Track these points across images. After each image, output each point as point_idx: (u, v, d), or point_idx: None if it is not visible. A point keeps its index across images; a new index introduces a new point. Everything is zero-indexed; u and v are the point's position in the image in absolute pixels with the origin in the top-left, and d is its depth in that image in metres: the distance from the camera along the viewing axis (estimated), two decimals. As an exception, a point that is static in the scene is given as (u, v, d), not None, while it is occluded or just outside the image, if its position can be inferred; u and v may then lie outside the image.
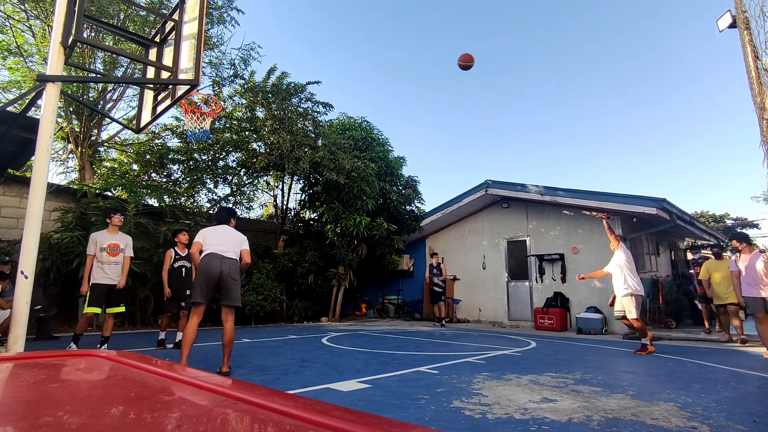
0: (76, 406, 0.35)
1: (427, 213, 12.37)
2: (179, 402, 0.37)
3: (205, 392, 0.38)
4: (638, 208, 8.56)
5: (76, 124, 8.98)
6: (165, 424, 0.31)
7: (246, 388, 0.39)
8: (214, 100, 8.25)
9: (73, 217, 7.86)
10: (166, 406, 0.36)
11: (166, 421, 0.32)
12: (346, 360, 4.93)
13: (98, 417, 0.32)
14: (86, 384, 0.44)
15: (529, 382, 3.77)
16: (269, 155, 10.22)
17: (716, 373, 4.38)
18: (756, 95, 4.22)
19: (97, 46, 8.28)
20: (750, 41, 4.32)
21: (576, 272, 9.77)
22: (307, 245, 11.08)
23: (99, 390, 0.41)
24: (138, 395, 0.39)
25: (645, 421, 2.66)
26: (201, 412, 0.34)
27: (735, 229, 29.97)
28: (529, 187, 10.13)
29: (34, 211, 2.69)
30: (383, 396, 3.23)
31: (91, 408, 0.35)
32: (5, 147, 5.21)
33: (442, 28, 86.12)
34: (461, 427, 2.54)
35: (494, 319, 11.00)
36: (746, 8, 4.38)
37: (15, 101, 3.83)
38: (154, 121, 3.92)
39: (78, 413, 0.32)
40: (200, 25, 3.19)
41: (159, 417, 0.33)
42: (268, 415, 0.33)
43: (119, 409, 0.34)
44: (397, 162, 12.74)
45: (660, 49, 76.37)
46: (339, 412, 0.32)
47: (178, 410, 0.35)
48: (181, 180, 10.67)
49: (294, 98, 10.60)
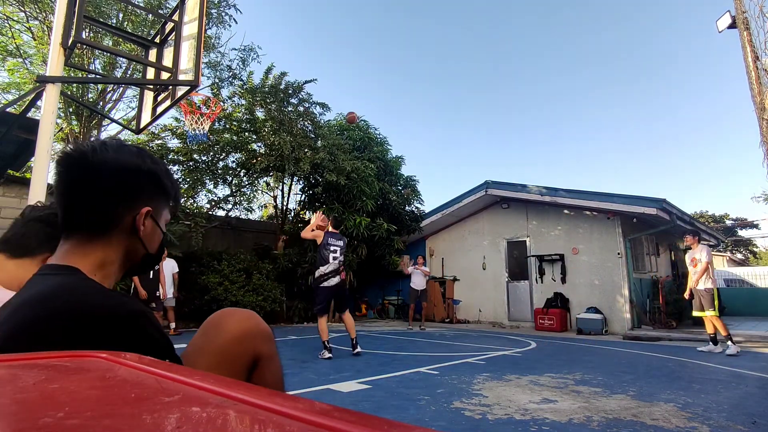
0: (76, 406, 0.35)
1: (427, 213, 12.37)
2: (179, 402, 0.37)
3: (205, 393, 0.38)
4: (638, 209, 8.56)
5: (76, 125, 8.99)
6: (165, 424, 0.31)
7: (246, 389, 0.39)
8: (214, 101, 8.25)
9: (73, 217, 7.86)
10: (166, 406, 0.35)
11: (165, 422, 0.32)
12: (346, 360, 4.93)
13: (98, 418, 0.32)
14: (86, 384, 0.44)
15: (530, 383, 3.76)
16: (269, 156, 10.22)
17: (716, 373, 4.37)
18: (756, 95, 4.22)
19: (96, 47, 8.28)
20: (750, 41, 4.33)
21: (576, 273, 9.79)
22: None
23: (98, 390, 0.41)
24: (138, 396, 0.38)
25: (645, 422, 2.66)
26: (201, 413, 0.34)
27: (735, 230, 29.99)
28: (530, 188, 10.13)
29: (33, 212, 2.68)
30: (383, 396, 3.23)
31: (91, 409, 0.34)
32: (5, 148, 5.21)
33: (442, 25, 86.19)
34: (461, 428, 2.53)
35: (494, 319, 10.99)
36: (746, 9, 4.38)
37: (15, 102, 3.83)
38: (154, 121, 3.92)
39: (77, 414, 0.32)
40: (200, 26, 3.19)
41: (159, 418, 0.32)
42: (268, 416, 0.33)
43: (119, 410, 0.34)
44: (396, 162, 12.74)
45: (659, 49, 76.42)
46: (339, 413, 0.32)
47: (178, 411, 0.34)
48: (180, 181, 10.67)
49: (293, 98, 10.61)
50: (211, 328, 0.90)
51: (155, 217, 0.84)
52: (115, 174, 0.78)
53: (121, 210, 0.79)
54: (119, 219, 0.79)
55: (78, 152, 0.77)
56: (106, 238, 0.79)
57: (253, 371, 0.91)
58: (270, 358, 0.93)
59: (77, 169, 0.76)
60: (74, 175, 0.77)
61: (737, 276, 17.48)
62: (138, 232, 0.80)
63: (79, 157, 0.76)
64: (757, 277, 16.74)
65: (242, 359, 0.88)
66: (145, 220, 0.80)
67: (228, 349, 0.86)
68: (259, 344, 0.90)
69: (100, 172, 0.76)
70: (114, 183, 0.78)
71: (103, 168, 0.76)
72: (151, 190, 0.83)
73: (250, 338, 0.89)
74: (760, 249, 33.17)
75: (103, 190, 0.77)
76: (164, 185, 0.85)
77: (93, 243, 0.78)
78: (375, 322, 11.45)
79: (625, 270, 9.01)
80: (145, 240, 0.82)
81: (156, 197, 0.84)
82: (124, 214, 0.79)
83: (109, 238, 0.79)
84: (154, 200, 0.84)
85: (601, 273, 9.36)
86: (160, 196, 0.85)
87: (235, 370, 0.87)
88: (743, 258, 30.57)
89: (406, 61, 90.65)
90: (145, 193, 0.82)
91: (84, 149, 0.77)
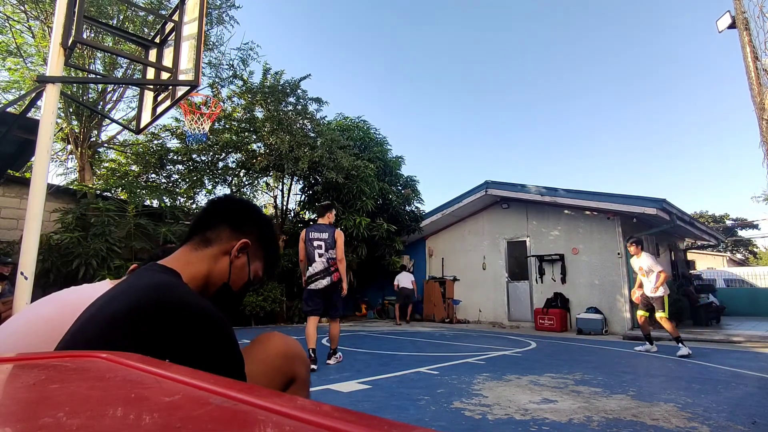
0: (76, 407, 0.35)
1: (427, 214, 12.37)
2: (179, 403, 0.37)
3: (205, 393, 0.38)
4: (638, 209, 8.56)
5: (76, 125, 8.98)
6: (165, 425, 0.31)
7: (246, 389, 0.39)
8: (214, 102, 8.25)
9: (73, 218, 7.87)
10: (167, 407, 0.36)
11: (165, 423, 0.32)
12: (346, 361, 4.93)
13: (98, 418, 0.32)
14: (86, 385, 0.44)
15: (530, 383, 3.76)
16: (269, 156, 10.21)
17: (716, 373, 4.37)
18: (756, 95, 4.22)
19: (97, 47, 8.28)
20: (749, 42, 4.33)
21: (576, 273, 9.79)
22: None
23: (99, 391, 0.41)
24: (138, 396, 0.39)
25: (645, 422, 2.66)
26: (201, 413, 0.34)
27: (735, 230, 29.98)
28: (529, 188, 10.13)
29: (34, 212, 2.69)
30: (383, 397, 3.23)
31: (91, 409, 0.34)
32: (5, 148, 5.21)
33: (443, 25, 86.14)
34: (461, 428, 2.53)
35: (494, 319, 10.99)
36: (746, 9, 4.38)
37: (15, 102, 3.82)
38: (154, 122, 3.92)
39: (78, 414, 0.32)
40: (200, 26, 3.19)
41: (159, 418, 0.32)
42: (268, 416, 0.33)
43: (119, 410, 0.34)
44: (396, 162, 12.73)
45: (659, 49, 76.42)
46: (339, 413, 0.32)
47: (178, 411, 0.35)
48: (180, 181, 10.67)
49: (291, 97, 10.60)
50: (258, 343, 1.02)
51: (249, 256, 0.99)
52: (237, 205, 1.01)
53: (226, 231, 0.96)
54: (222, 237, 0.95)
55: (226, 196, 1.07)
56: (205, 252, 0.93)
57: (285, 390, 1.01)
58: (304, 382, 1.03)
59: (216, 202, 1.01)
60: (211, 206, 1.01)
61: (737, 276, 17.48)
62: (230, 255, 0.95)
63: (223, 198, 1.03)
64: (757, 277, 16.75)
65: (281, 375, 0.99)
66: (239, 252, 0.96)
67: (272, 362, 0.98)
68: (298, 366, 1.02)
69: (228, 203, 1.01)
70: (231, 211, 0.99)
71: (231, 201, 1.01)
72: (255, 237, 0.99)
73: (291, 358, 1.01)
74: (760, 249, 33.19)
75: (221, 212, 0.98)
76: (267, 243, 1.03)
77: (196, 254, 0.93)
78: (375, 322, 11.45)
79: (625, 270, 9.01)
80: (233, 269, 0.95)
81: (257, 246, 1.00)
82: (226, 236, 0.96)
83: (208, 253, 0.93)
84: (254, 248, 0.99)
85: (601, 273, 9.36)
86: (260, 250, 1.02)
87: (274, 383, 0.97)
88: (743, 258, 30.59)
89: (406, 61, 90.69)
90: (249, 235, 0.98)
91: (230, 196, 1.09)
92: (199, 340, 0.72)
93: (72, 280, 7.43)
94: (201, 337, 0.72)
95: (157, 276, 0.83)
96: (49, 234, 7.53)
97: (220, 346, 0.74)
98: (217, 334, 0.74)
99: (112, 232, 7.87)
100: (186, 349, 0.70)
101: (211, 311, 0.75)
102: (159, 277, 0.83)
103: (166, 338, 0.69)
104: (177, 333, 0.70)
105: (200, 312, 0.74)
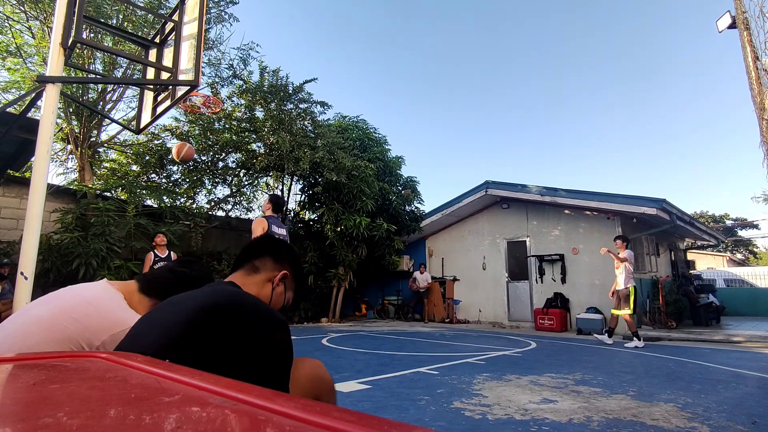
0: (76, 407, 0.35)
1: (427, 214, 12.36)
2: (179, 403, 0.37)
3: (205, 393, 0.38)
4: (638, 209, 8.56)
5: (76, 125, 8.98)
6: (165, 425, 0.31)
7: (246, 389, 0.39)
8: (215, 101, 8.25)
9: (73, 218, 7.86)
10: (166, 407, 0.35)
11: (165, 422, 0.32)
12: (346, 361, 4.93)
13: (98, 418, 0.32)
14: (86, 385, 0.44)
15: (530, 383, 3.76)
16: (269, 156, 10.21)
17: (717, 373, 4.37)
18: (756, 95, 4.22)
19: (97, 47, 8.28)
20: (750, 42, 4.33)
21: (576, 273, 9.79)
22: (307, 246, 11.07)
23: (99, 391, 0.41)
24: (138, 396, 0.39)
25: (645, 422, 2.66)
26: (201, 413, 0.34)
27: (735, 230, 29.98)
28: (529, 188, 10.13)
29: (34, 212, 2.69)
30: (383, 397, 3.23)
31: (91, 409, 0.34)
32: (5, 148, 5.21)
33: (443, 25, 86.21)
34: (461, 428, 2.53)
35: (494, 319, 10.99)
36: (746, 9, 4.38)
37: (15, 102, 3.82)
38: (154, 121, 3.92)
39: (77, 414, 0.32)
40: (200, 26, 3.19)
41: (159, 418, 0.32)
42: (268, 416, 0.33)
43: (119, 410, 0.34)
44: (396, 162, 12.72)
45: (659, 49, 76.45)
46: (339, 412, 0.32)
47: (178, 411, 0.35)
48: (180, 181, 10.67)
49: (294, 97, 10.60)
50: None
51: (286, 285, 1.20)
52: (277, 242, 1.24)
53: (270, 262, 1.18)
54: (267, 267, 1.17)
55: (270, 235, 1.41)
56: (255, 278, 1.15)
57: None
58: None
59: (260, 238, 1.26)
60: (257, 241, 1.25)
61: (737, 276, 17.48)
62: (272, 282, 1.16)
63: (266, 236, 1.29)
64: (757, 277, 16.74)
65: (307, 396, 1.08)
66: (280, 280, 1.17)
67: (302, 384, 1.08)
68: (324, 390, 1.15)
69: (269, 240, 1.25)
70: (273, 246, 1.22)
71: (272, 239, 1.26)
72: (291, 270, 1.21)
73: (317, 380, 1.15)
74: (760, 249, 33.18)
75: (265, 246, 1.22)
76: (299, 277, 1.26)
77: (248, 278, 1.15)
78: (375, 322, 11.45)
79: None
80: (274, 294, 1.16)
81: (292, 278, 1.22)
82: (270, 266, 1.17)
83: (257, 279, 1.15)
84: (290, 279, 1.21)
85: (601, 273, 9.35)
86: (294, 282, 1.23)
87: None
88: (743, 258, 30.59)
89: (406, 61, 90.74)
90: (287, 267, 1.20)
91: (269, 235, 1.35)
92: (266, 333, 0.88)
93: (72, 280, 7.43)
94: (268, 330, 0.88)
95: (230, 286, 1.06)
96: (49, 234, 7.53)
97: (281, 341, 0.89)
98: (281, 330, 0.90)
99: (112, 232, 7.87)
100: (254, 340, 0.85)
101: (277, 313, 0.93)
102: (232, 287, 1.05)
103: (240, 327, 0.85)
104: (250, 324, 0.86)
105: (269, 311, 0.92)
